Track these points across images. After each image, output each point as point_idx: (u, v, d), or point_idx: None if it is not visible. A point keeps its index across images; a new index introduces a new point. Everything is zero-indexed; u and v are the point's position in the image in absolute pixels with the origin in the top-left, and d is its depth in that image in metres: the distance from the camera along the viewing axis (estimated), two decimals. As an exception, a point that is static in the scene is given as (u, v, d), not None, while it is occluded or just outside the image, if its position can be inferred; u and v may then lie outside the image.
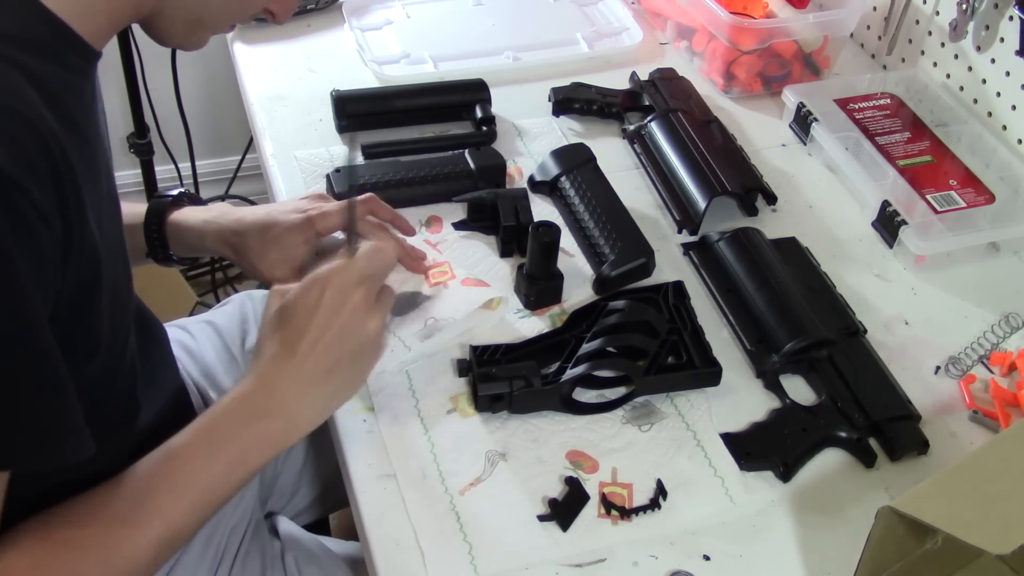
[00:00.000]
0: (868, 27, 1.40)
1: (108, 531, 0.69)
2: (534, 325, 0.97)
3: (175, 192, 1.02)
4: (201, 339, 1.13)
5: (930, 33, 1.30)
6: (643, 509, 0.83)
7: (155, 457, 0.73)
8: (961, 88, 1.27)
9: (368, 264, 0.80)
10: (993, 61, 1.20)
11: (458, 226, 1.08)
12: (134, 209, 0.99)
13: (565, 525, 0.81)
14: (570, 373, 0.88)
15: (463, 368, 0.90)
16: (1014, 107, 1.19)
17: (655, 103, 1.23)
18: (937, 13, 1.27)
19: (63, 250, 0.62)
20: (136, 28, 0.75)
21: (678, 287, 0.99)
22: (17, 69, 0.61)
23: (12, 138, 0.57)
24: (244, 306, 1.19)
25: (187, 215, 0.99)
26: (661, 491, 0.84)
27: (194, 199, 1.03)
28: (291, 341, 0.77)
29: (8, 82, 0.60)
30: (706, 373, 0.92)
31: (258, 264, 0.95)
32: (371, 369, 0.82)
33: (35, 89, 0.61)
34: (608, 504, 0.82)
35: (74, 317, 0.65)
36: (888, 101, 1.27)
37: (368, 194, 0.99)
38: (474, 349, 0.90)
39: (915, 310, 1.04)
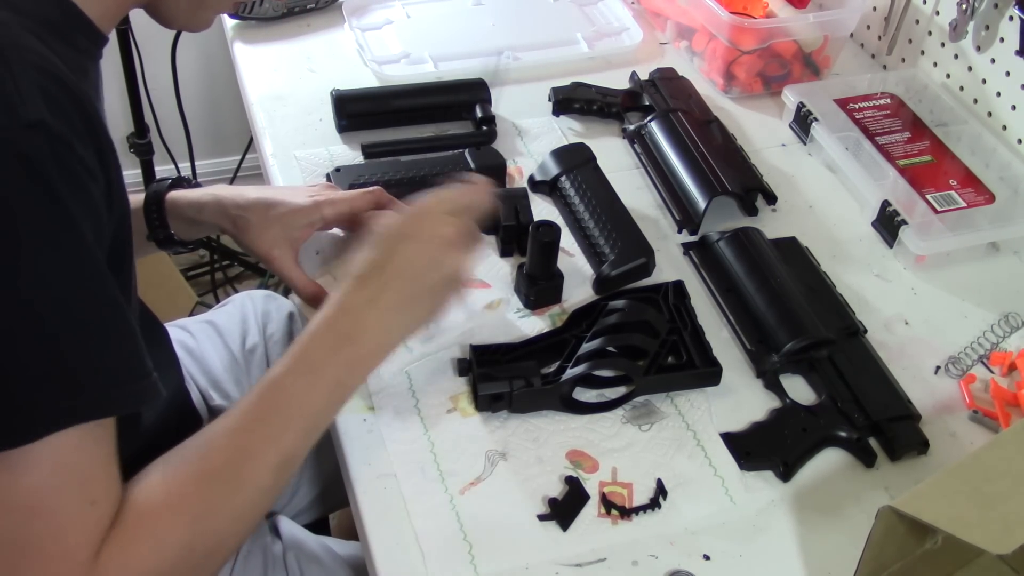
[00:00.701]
0: (868, 27, 1.40)
1: (230, 462, 0.71)
2: (534, 325, 0.97)
3: (174, 177, 1.02)
4: (202, 339, 1.13)
5: (930, 33, 1.30)
6: (643, 509, 0.83)
7: (260, 388, 0.74)
8: (961, 88, 1.27)
9: (461, 198, 0.84)
10: (993, 61, 1.20)
11: (458, 226, 1.08)
12: (132, 197, 0.99)
13: (565, 525, 0.81)
14: (570, 373, 0.88)
15: (463, 368, 0.90)
16: (1014, 107, 1.19)
17: (655, 103, 1.23)
18: (937, 13, 1.27)
19: (107, 203, 0.65)
20: (136, 28, 0.76)
21: (678, 287, 0.99)
22: (40, 40, 0.63)
23: (52, 97, 0.60)
24: (244, 306, 1.19)
25: (186, 191, 1.00)
26: (661, 491, 0.84)
27: (192, 184, 1.03)
28: (378, 265, 0.79)
29: (38, 48, 0.62)
30: (706, 373, 0.92)
31: (257, 240, 0.95)
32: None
33: (54, 60, 0.63)
34: (608, 504, 0.83)
35: (115, 275, 0.66)
36: (888, 101, 1.27)
37: (375, 187, 1.00)
38: (474, 349, 0.90)
39: (915, 310, 1.04)
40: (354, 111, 1.20)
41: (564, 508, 0.82)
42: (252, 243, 0.96)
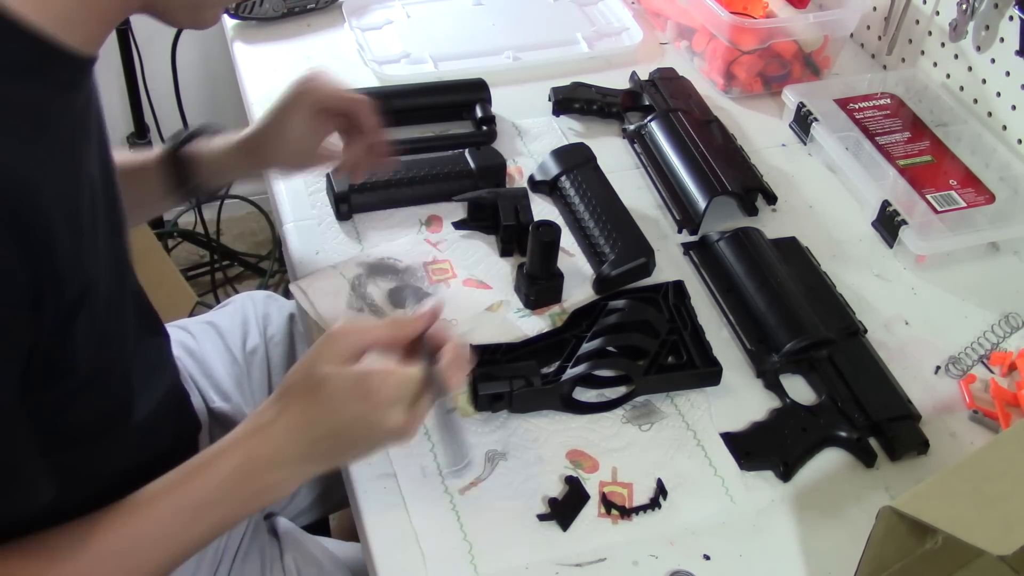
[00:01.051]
0: (868, 27, 1.40)
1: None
2: (534, 325, 0.97)
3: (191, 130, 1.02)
4: (202, 340, 1.13)
5: (930, 33, 1.30)
6: (643, 509, 0.83)
7: (134, 507, 0.71)
8: (961, 88, 1.27)
9: (426, 389, 0.75)
10: (993, 61, 1.20)
11: (458, 225, 1.08)
12: (143, 155, 0.99)
13: (565, 525, 0.81)
14: (570, 372, 0.88)
15: None
16: (1014, 107, 1.19)
17: (655, 103, 1.23)
18: (937, 13, 1.27)
19: (33, 299, 0.60)
20: (136, 28, 0.75)
21: (678, 287, 0.99)
22: None
23: None
24: (245, 307, 1.19)
25: (201, 146, 1.00)
26: (661, 491, 0.84)
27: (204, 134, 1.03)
28: (314, 420, 0.73)
29: None
30: (706, 373, 0.92)
31: (279, 157, 0.98)
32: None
33: (5, 119, 0.58)
34: (608, 504, 0.82)
35: (54, 344, 0.64)
36: (888, 101, 1.27)
37: (362, 97, 0.97)
38: (474, 349, 0.90)
39: (915, 310, 1.04)
40: (354, 111, 1.19)
41: (564, 508, 0.82)
42: (275, 159, 0.98)
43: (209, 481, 0.72)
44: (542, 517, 0.81)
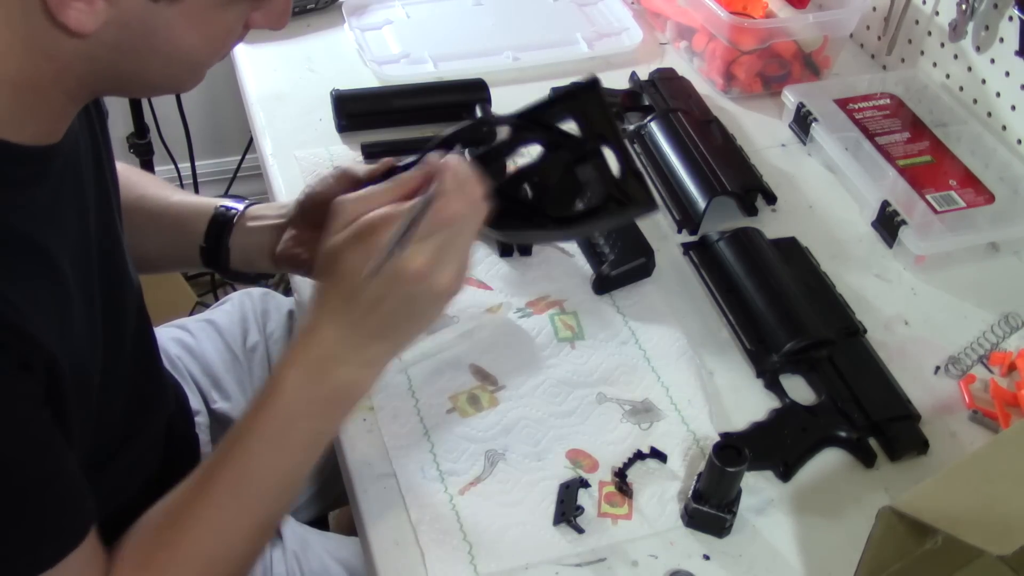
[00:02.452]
0: (868, 27, 1.40)
1: (201, 542, 0.70)
2: (534, 324, 0.97)
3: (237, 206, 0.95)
4: (202, 338, 1.13)
5: (930, 33, 1.30)
6: (643, 508, 0.82)
7: (228, 450, 0.71)
8: (961, 88, 1.27)
9: (460, 232, 0.70)
10: (993, 61, 1.20)
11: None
12: (190, 208, 0.95)
13: (565, 525, 0.81)
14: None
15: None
16: (1014, 107, 1.19)
17: (655, 103, 1.23)
18: (937, 13, 1.27)
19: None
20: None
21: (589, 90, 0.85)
22: None
23: None
24: (244, 305, 1.19)
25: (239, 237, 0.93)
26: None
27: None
28: (346, 299, 0.69)
29: None
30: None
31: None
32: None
33: None
34: (608, 503, 0.82)
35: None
36: (888, 101, 1.27)
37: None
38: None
39: (915, 310, 1.04)
40: (354, 111, 1.19)
41: (564, 508, 0.82)
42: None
43: (281, 402, 0.70)
44: (542, 517, 0.81)
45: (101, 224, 0.75)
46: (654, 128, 1.18)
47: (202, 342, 1.13)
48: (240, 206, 0.94)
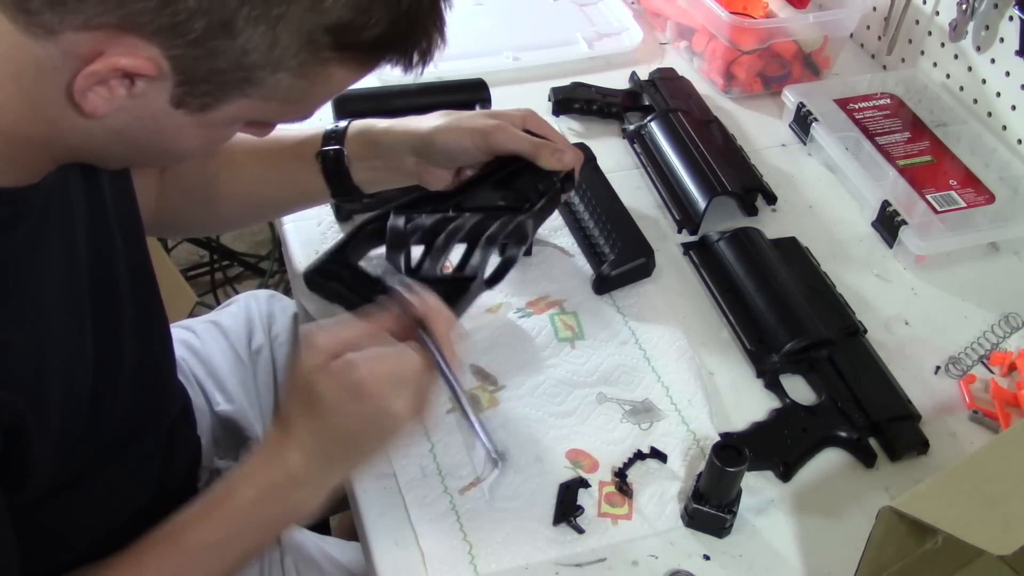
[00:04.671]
0: (868, 27, 1.40)
1: None
2: (534, 324, 0.97)
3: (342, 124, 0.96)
4: (207, 339, 1.13)
5: (930, 33, 1.30)
6: (643, 508, 0.82)
7: (162, 545, 0.71)
8: (961, 88, 1.27)
9: (421, 375, 0.71)
10: (993, 61, 1.20)
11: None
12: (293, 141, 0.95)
13: (565, 525, 0.81)
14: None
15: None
16: (1014, 107, 1.19)
17: (655, 103, 1.23)
18: (937, 13, 1.27)
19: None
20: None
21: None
22: None
23: None
24: (249, 307, 1.19)
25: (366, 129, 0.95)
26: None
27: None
28: (318, 430, 0.71)
29: None
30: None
31: (434, 170, 0.93)
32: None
33: None
34: (608, 503, 0.82)
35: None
36: (888, 101, 1.27)
37: (527, 110, 0.93)
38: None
39: (915, 310, 1.04)
40: (354, 111, 1.19)
41: (564, 508, 0.82)
42: (426, 174, 0.93)
43: (231, 515, 0.72)
44: (542, 517, 0.81)
45: (93, 249, 0.73)
46: (654, 128, 1.18)
47: (207, 343, 1.12)
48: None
